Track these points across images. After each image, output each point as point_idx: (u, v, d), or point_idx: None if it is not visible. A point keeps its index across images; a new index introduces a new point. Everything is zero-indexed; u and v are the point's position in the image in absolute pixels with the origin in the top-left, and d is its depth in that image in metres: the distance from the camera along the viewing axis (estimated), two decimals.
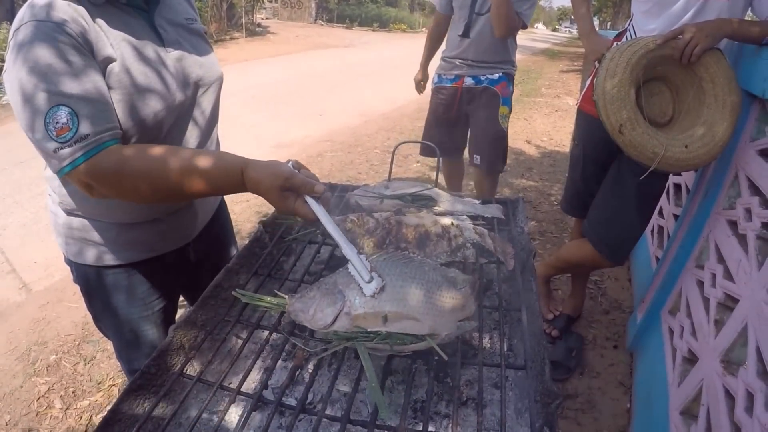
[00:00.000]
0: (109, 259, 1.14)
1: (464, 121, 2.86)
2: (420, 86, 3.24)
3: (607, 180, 1.90)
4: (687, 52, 1.44)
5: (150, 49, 0.98)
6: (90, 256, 1.13)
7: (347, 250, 0.89)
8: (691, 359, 1.56)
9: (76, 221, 1.10)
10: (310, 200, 0.90)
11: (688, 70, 1.51)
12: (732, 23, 1.42)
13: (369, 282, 0.86)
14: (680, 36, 1.44)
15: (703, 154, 1.49)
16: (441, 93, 2.84)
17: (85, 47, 0.87)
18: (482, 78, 2.69)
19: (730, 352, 1.29)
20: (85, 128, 0.84)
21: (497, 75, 2.66)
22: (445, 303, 0.90)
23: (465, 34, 2.64)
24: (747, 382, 1.14)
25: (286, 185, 0.87)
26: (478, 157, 2.82)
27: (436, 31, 2.98)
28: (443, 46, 2.91)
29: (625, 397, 2.00)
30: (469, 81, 2.72)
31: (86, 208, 1.08)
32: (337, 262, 1.12)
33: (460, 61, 2.71)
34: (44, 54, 0.82)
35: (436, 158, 1.67)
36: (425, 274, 0.92)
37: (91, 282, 1.18)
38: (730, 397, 1.22)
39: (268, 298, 0.92)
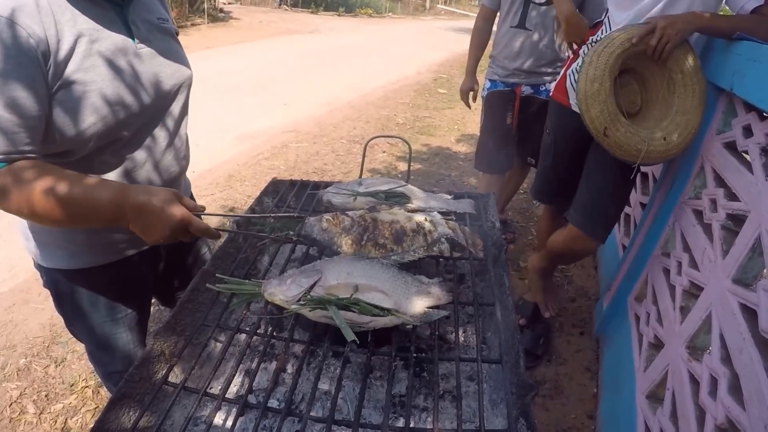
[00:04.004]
0: (79, 263, 1.11)
1: (524, 130, 2.64)
2: (467, 96, 2.81)
3: (589, 164, 1.90)
4: (659, 49, 1.46)
5: (120, 43, 0.96)
6: (59, 259, 1.10)
7: None
8: (657, 345, 1.61)
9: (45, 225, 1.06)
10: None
11: (658, 62, 1.53)
12: (702, 18, 1.43)
13: None
14: (652, 33, 1.46)
15: (680, 143, 1.53)
16: (500, 99, 2.58)
17: (38, 58, 0.83)
18: (542, 89, 2.50)
19: (695, 338, 1.33)
20: None
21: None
22: (412, 286, 0.98)
23: (521, 25, 2.39)
24: (711, 367, 1.18)
25: (181, 201, 0.91)
26: (533, 160, 2.68)
27: (484, 28, 2.65)
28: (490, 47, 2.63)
29: (592, 382, 2.05)
30: (527, 90, 2.52)
31: None
32: (312, 261, 1.11)
33: (514, 67, 2.47)
34: None
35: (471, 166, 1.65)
36: (395, 268, 1.03)
37: (61, 286, 1.15)
38: (694, 381, 1.26)
39: (246, 282, 0.97)
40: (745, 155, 1.36)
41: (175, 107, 1.13)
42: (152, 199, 0.87)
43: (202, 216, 1.01)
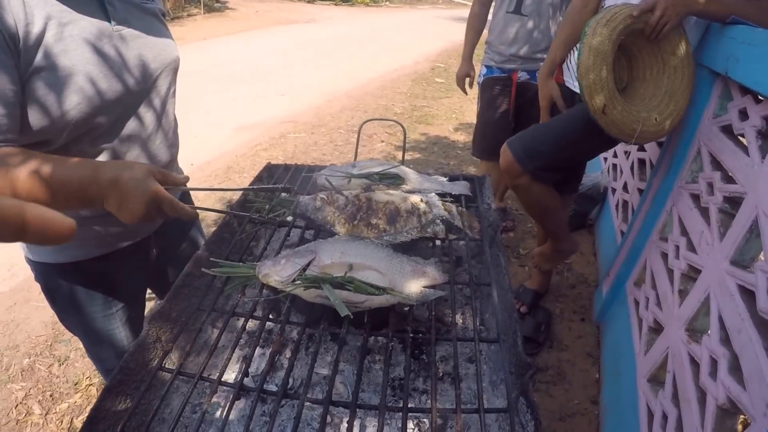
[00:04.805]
0: (66, 256, 1.09)
1: (521, 115, 2.61)
2: (463, 82, 2.79)
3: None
4: (657, 29, 1.46)
5: (94, 25, 0.91)
6: (47, 253, 1.08)
7: None
8: (657, 329, 1.61)
9: None
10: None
11: (654, 41, 1.53)
12: (698, 2, 1.43)
13: None
14: (652, 11, 1.45)
15: (669, 123, 1.54)
16: (496, 85, 2.56)
17: (8, 42, 0.79)
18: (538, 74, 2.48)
19: (694, 320, 1.33)
20: None
21: None
22: (407, 265, 0.97)
23: (516, 10, 2.36)
24: (710, 348, 1.18)
25: (158, 176, 0.88)
26: None
27: (480, 14, 2.62)
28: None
29: (594, 367, 2.06)
30: (523, 75, 2.49)
31: None
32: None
33: (510, 53, 2.44)
34: None
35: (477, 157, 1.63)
36: (390, 248, 1.03)
37: (51, 280, 1.13)
38: (694, 363, 1.27)
39: (241, 265, 0.97)
40: (741, 138, 1.36)
41: (160, 92, 1.08)
42: (124, 174, 0.83)
43: (195, 193, 0.99)
